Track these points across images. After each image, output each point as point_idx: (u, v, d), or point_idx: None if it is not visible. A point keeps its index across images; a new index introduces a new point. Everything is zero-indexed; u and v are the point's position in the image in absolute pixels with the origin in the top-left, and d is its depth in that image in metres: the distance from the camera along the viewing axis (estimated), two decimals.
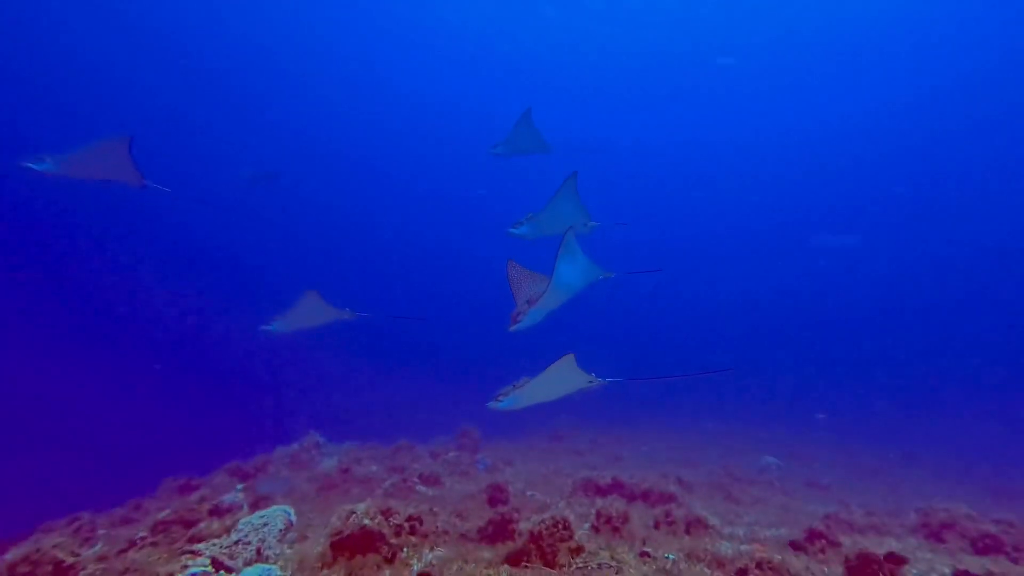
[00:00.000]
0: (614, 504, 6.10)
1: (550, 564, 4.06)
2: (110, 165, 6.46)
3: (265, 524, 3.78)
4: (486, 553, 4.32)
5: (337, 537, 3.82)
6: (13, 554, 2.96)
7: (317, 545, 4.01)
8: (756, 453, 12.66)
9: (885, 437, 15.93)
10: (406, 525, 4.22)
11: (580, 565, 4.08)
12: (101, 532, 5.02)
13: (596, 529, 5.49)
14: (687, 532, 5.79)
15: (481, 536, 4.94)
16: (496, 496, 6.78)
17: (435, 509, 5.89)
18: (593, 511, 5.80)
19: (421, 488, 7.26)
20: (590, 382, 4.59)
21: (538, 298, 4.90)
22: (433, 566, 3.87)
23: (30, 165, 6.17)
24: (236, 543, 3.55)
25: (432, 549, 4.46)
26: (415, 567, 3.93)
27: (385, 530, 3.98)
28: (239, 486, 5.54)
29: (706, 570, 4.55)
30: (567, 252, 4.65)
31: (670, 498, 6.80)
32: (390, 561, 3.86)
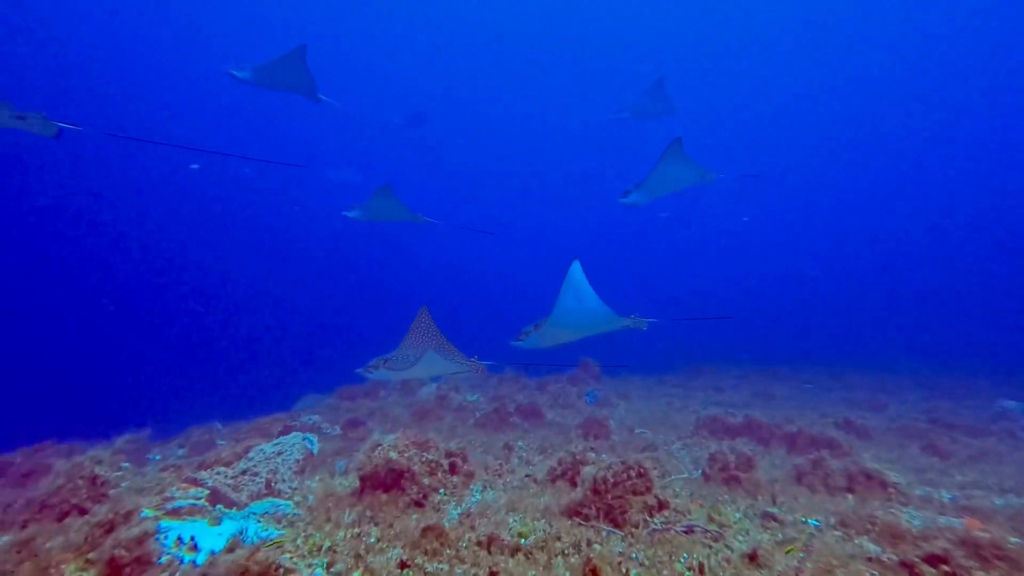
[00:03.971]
0: (737, 447, 4.74)
1: (616, 521, 3.09)
2: (291, 77, 7.35)
3: (279, 453, 3.52)
4: (543, 501, 3.52)
5: (361, 472, 3.38)
6: (60, 464, 3.14)
7: (354, 481, 3.64)
8: (985, 396, 9.31)
9: None
10: (444, 463, 3.61)
11: (658, 526, 3.01)
12: (220, 443, 5.55)
13: (707, 478, 4.27)
14: (849, 490, 4.18)
15: (551, 479, 4.14)
16: (592, 431, 5.91)
17: (512, 444, 5.29)
18: (706, 455, 4.56)
19: (516, 420, 6.74)
20: (471, 366, 4.44)
21: (544, 323, 4.58)
22: (471, 515, 3.21)
23: (234, 73, 7.27)
24: (243, 473, 3.33)
25: (484, 491, 3.83)
26: (451, 513, 3.32)
27: (416, 467, 3.42)
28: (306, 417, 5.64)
29: (872, 547, 3.07)
30: (570, 288, 4.29)
31: (827, 444, 5.09)
32: (419, 504, 3.30)
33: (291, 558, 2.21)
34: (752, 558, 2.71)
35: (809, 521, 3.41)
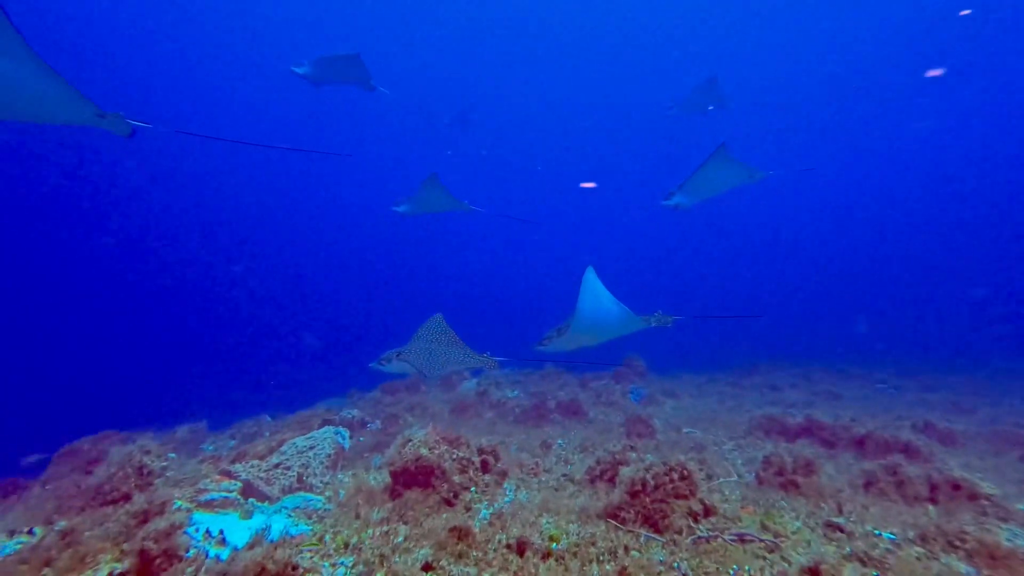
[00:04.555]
0: (796, 450, 4.33)
1: (657, 527, 2.85)
2: (348, 71, 7.91)
3: (311, 447, 3.51)
4: (579, 502, 3.32)
5: (392, 468, 3.33)
6: (114, 452, 3.27)
7: (387, 476, 3.59)
8: None
9: None
10: (475, 460, 3.49)
11: (703, 533, 2.75)
12: (265, 433, 5.70)
13: (761, 481, 3.91)
14: (931, 501, 3.70)
15: (590, 479, 3.94)
16: (636, 430, 5.62)
17: (550, 442, 5.11)
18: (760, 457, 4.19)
19: (556, 417, 6.55)
20: (483, 361, 4.51)
21: (567, 329, 4.60)
22: (502, 515, 3.07)
23: (294, 69, 7.80)
24: (276, 467, 3.33)
25: (518, 491, 3.68)
26: (482, 513, 3.20)
27: (446, 464, 3.33)
28: (345, 411, 5.68)
29: (962, 567, 2.68)
30: (586, 295, 4.31)
31: (903, 449, 4.56)
32: (450, 503, 3.20)
33: (311, 557, 2.16)
34: (814, 573, 2.41)
35: (883, 534, 3.02)
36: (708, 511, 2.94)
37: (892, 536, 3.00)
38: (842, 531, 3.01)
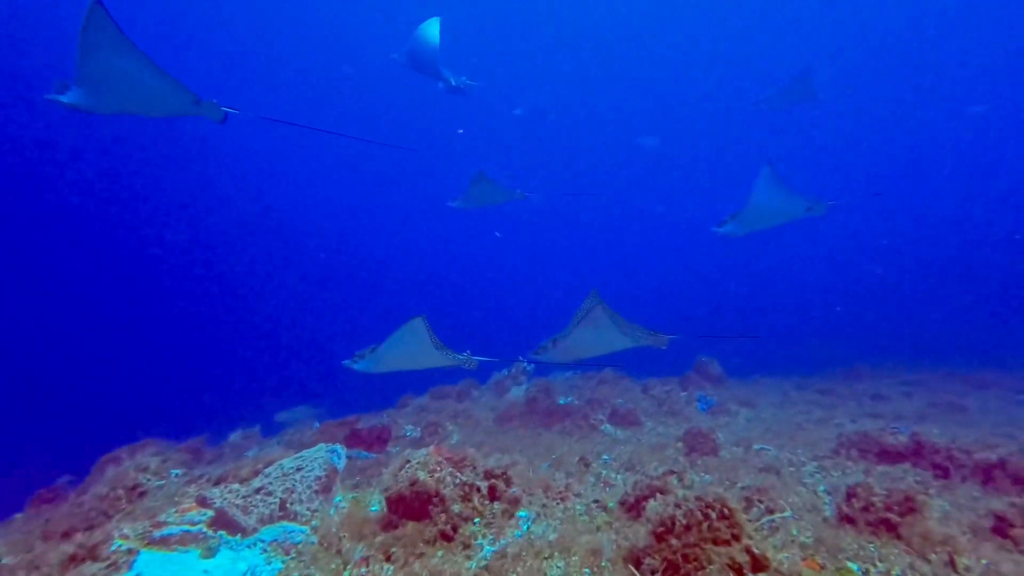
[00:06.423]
0: (898, 478, 3.46)
1: None
2: (427, 59, 8.25)
3: (298, 469, 3.18)
4: (601, 540, 2.82)
5: (387, 494, 3.05)
6: (109, 472, 3.26)
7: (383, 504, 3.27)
8: None
9: None
10: (481, 485, 3.11)
11: None
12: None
13: (845, 520, 3.12)
14: None
15: (625, 508, 3.39)
16: (695, 446, 4.91)
17: (590, 458, 4.58)
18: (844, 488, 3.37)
19: (607, 428, 5.97)
20: (462, 361, 4.62)
21: (562, 341, 4.82)
22: (504, 556, 2.67)
23: (394, 57, 8.36)
24: (257, 491, 2.99)
25: (536, 521, 3.23)
26: (484, 551, 2.81)
27: (447, 490, 2.98)
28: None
29: None
30: (590, 317, 4.58)
31: None
32: (448, 537, 2.84)
33: None
34: None
35: None
36: (757, 564, 2.30)
37: None
38: None
